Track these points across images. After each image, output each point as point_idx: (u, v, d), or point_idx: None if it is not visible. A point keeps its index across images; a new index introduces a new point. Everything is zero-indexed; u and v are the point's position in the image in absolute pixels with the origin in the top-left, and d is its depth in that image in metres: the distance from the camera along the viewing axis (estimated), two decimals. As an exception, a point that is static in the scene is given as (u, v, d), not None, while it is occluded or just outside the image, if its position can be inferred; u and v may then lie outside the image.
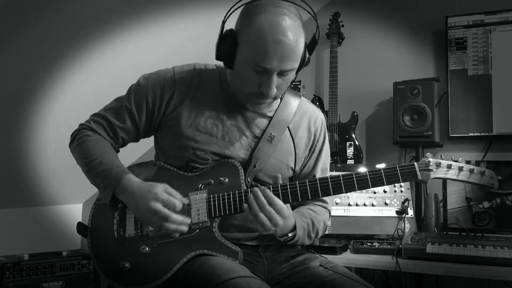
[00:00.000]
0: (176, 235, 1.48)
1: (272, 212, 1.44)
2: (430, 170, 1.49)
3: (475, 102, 2.65)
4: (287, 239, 1.54)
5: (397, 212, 2.40)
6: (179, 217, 1.46)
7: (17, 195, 2.90)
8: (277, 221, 1.45)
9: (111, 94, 1.69)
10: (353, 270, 2.40)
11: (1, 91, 2.27)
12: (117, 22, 2.29)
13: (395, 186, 2.46)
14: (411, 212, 2.42)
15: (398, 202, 2.43)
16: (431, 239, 2.16)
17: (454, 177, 1.50)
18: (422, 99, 2.57)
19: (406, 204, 2.40)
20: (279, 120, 1.64)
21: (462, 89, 2.68)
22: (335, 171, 2.49)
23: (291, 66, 1.47)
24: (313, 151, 1.73)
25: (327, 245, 2.24)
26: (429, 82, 2.61)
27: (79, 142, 1.61)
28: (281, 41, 1.41)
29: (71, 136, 1.66)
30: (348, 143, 2.84)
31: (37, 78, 2.32)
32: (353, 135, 2.85)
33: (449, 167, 1.49)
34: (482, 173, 1.50)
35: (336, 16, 2.98)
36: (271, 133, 1.61)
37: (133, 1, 2.26)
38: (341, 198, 2.45)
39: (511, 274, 1.97)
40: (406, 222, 2.37)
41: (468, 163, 1.52)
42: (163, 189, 1.47)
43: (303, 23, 1.49)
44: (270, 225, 1.45)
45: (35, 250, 2.90)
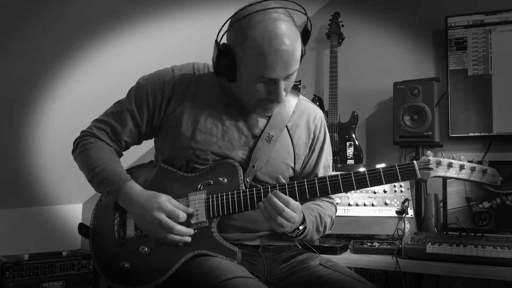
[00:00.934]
0: (180, 245, 1.49)
1: (290, 213, 1.44)
2: (430, 169, 1.48)
3: (475, 102, 2.64)
4: (298, 232, 1.54)
5: (397, 212, 2.40)
6: (182, 229, 1.47)
7: (17, 195, 2.90)
8: (295, 219, 1.46)
9: (111, 94, 1.69)
10: (353, 270, 2.39)
11: (1, 91, 2.27)
12: (117, 22, 2.29)
13: (395, 186, 2.46)
14: (411, 212, 2.41)
15: (398, 202, 2.43)
16: (431, 239, 2.16)
17: (455, 176, 1.49)
18: (422, 99, 2.57)
19: (406, 204, 2.40)
20: (277, 120, 1.64)
21: (462, 89, 2.68)
22: (335, 171, 2.49)
23: (294, 69, 1.48)
24: (313, 150, 1.73)
25: (327, 245, 2.24)
26: (429, 82, 2.61)
27: (82, 149, 1.61)
28: (281, 50, 1.41)
29: (73, 143, 1.66)
30: (348, 143, 2.84)
31: (37, 78, 2.32)
32: (353, 135, 2.85)
33: (449, 165, 1.48)
34: (484, 171, 1.49)
35: (336, 16, 2.98)
36: (269, 133, 1.61)
37: (133, 1, 2.26)
38: (341, 198, 2.45)
39: (511, 274, 1.97)
40: (406, 222, 2.37)
41: (469, 162, 1.51)
42: (167, 199, 1.48)
43: (292, 16, 1.48)
44: (289, 225, 1.46)
45: (35, 250, 2.90)
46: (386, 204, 2.43)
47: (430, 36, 2.87)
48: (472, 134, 2.65)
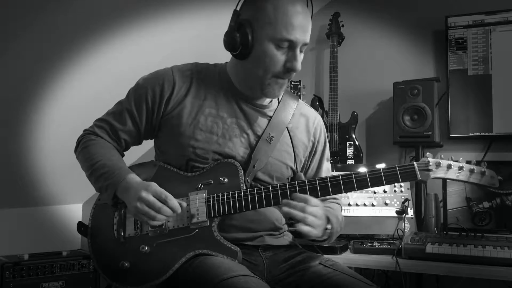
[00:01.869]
0: (164, 230, 1.49)
1: (313, 209, 1.46)
2: (429, 170, 1.48)
3: (475, 102, 2.65)
4: (327, 231, 1.54)
5: (397, 212, 2.40)
6: (168, 210, 1.46)
7: (17, 195, 2.90)
8: (321, 214, 1.49)
9: (111, 94, 1.69)
10: (353, 270, 2.40)
11: (1, 91, 2.27)
12: (117, 22, 2.29)
13: (395, 186, 2.46)
14: (411, 212, 2.41)
15: (398, 202, 2.43)
16: (431, 239, 2.16)
17: (454, 177, 1.49)
18: (422, 99, 2.57)
19: (406, 204, 2.40)
20: (278, 120, 1.64)
21: (462, 89, 2.68)
22: (335, 171, 2.49)
23: (308, 39, 1.53)
24: (314, 153, 1.74)
25: (327, 245, 2.24)
26: (429, 82, 2.61)
27: (83, 146, 1.62)
28: (301, 11, 1.49)
29: (76, 142, 1.68)
30: (348, 143, 2.84)
31: (37, 78, 2.32)
32: (353, 135, 2.85)
33: (449, 167, 1.49)
34: (483, 173, 1.49)
35: (336, 16, 2.98)
36: (269, 134, 1.62)
37: (133, 1, 2.26)
38: (341, 198, 2.43)
39: (511, 274, 1.97)
40: (406, 222, 2.37)
41: (468, 163, 1.51)
42: (156, 185, 1.48)
43: None
44: (318, 222, 1.47)
45: (35, 250, 2.90)
46: (386, 204, 2.43)
47: (430, 36, 2.87)
48: (472, 134, 2.65)
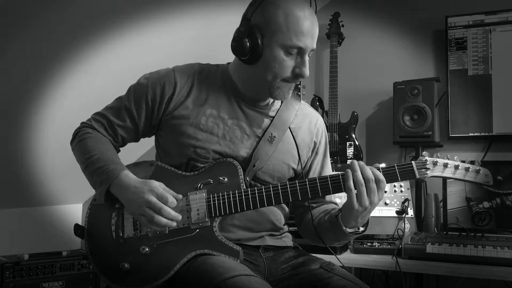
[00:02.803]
0: (166, 230, 1.49)
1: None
2: (427, 169, 1.51)
3: (475, 102, 2.65)
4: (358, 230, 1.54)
5: (397, 212, 2.40)
6: (171, 211, 1.46)
7: (17, 195, 2.90)
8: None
9: (111, 94, 1.69)
10: (353, 270, 2.40)
11: (1, 91, 2.27)
12: (117, 22, 2.29)
13: (395, 186, 2.46)
14: (411, 212, 2.42)
15: (398, 202, 2.43)
16: (431, 239, 2.17)
17: (451, 175, 1.53)
18: (422, 99, 2.57)
19: (406, 204, 2.40)
20: (280, 120, 1.64)
21: (462, 89, 2.68)
22: (335, 171, 2.49)
23: (315, 44, 1.55)
24: (316, 153, 1.74)
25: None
26: (429, 82, 2.61)
27: (79, 139, 1.61)
28: (310, 18, 1.51)
29: (73, 134, 1.67)
30: (348, 143, 2.84)
31: (37, 78, 2.32)
32: (353, 135, 2.85)
33: (445, 165, 1.52)
34: (477, 171, 1.53)
35: (336, 16, 2.98)
36: (271, 133, 1.61)
37: (133, 1, 2.26)
38: (341, 198, 2.43)
39: (511, 274, 1.97)
40: (406, 222, 2.37)
41: (463, 162, 1.54)
42: (158, 184, 1.48)
43: None
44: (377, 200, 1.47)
45: (35, 250, 2.90)
46: (386, 204, 2.43)
47: (430, 36, 2.87)
48: (472, 134, 2.65)
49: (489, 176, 1.53)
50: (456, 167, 1.51)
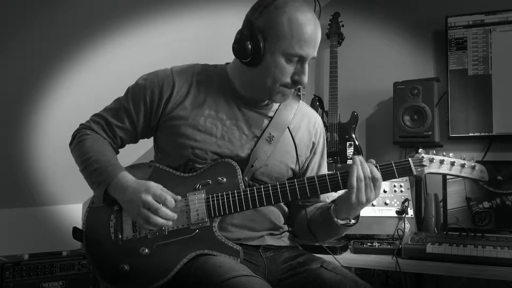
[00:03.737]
0: (165, 231, 1.49)
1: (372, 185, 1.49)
2: (424, 166, 1.53)
3: (475, 102, 2.65)
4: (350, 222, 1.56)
5: (397, 212, 2.40)
6: (168, 212, 1.46)
7: (17, 195, 2.90)
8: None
9: (111, 94, 1.69)
10: (353, 270, 2.40)
11: (1, 91, 2.27)
12: (117, 22, 2.29)
13: (395, 186, 2.46)
14: (411, 212, 2.42)
15: (398, 202, 2.43)
16: (431, 239, 2.16)
17: (447, 172, 1.55)
18: (422, 99, 2.57)
19: (406, 204, 2.40)
20: (279, 120, 1.64)
21: (462, 89, 2.68)
22: (335, 171, 2.48)
23: (316, 53, 1.54)
24: (314, 153, 1.74)
25: (327, 245, 2.24)
26: (429, 82, 2.61)
27: (78, 141, 1.62)
28: (314, 27, 1.50)
29: (72, 136, 1.67)
30: (348, 143, 2.84)
31: (37, 78, 2.32)
32: (353, 135, 2.85)
33: (441, 162, 1.54)
34: (473, 167, 1.55)
35: (336, 16, 2.98)
36: (270, 133, 1.61)
37: (133, 1, 2.26)
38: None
39: (511, 274, 1.97)
40: (406, 222, 2.37)
41: (459, 159, 1.56)
42: (156, 185, 1.48)
43: None
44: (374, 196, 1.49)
45: (35, 250, 2.90)
46: (386, 204, 2.43)
47: (430, 36, 2.87)
48: (472, 134, 2.65)
49: (484, 172, 1.56)
50: (452, 163, 1.54)
